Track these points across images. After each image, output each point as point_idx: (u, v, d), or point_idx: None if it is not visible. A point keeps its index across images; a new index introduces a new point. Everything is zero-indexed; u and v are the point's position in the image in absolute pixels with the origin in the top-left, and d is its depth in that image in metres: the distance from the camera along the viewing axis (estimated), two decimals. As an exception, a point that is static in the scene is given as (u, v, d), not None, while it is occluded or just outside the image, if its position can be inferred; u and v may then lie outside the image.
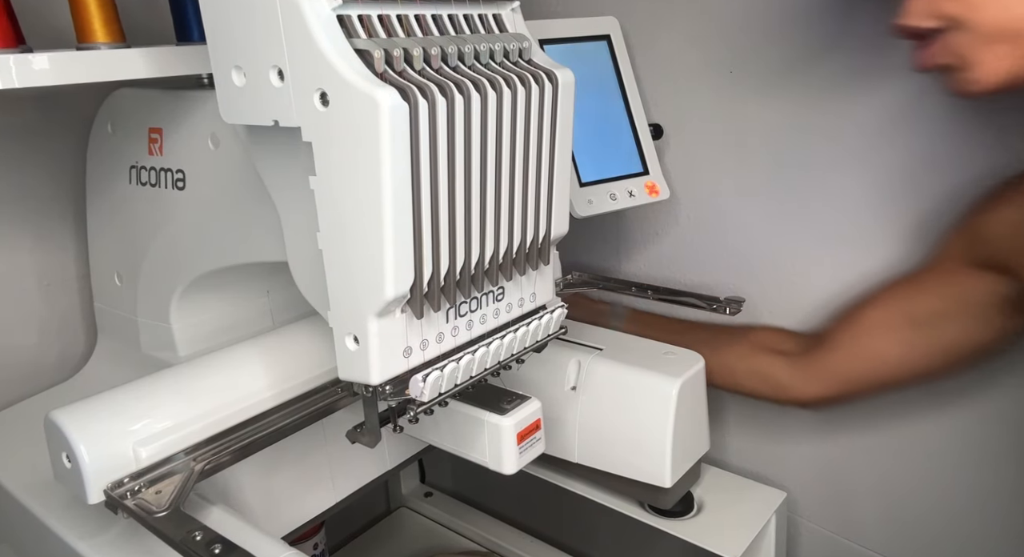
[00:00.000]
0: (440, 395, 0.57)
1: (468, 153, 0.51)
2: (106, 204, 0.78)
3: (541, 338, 0.65)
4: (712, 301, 0.86)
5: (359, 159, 0.46)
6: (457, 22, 0.53)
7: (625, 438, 0.82)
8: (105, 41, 0.60)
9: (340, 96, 0.45)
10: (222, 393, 0.62)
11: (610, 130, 0.88)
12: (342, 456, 0.78)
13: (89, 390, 0.59)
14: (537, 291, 0.64)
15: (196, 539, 0.50)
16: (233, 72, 0.49)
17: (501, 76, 0.52)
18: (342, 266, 0.51)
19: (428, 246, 0.51)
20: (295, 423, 0.63)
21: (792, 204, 0.89)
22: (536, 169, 0.57)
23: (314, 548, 1.07)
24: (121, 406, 0.57)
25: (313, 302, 0.57)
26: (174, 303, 0.73)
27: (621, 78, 0.90)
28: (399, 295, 0.50)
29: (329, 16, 0.46)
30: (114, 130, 0.75)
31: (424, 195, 0.49)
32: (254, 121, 0.50)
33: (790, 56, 0.84)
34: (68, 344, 0.88)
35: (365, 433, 0.59)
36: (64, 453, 0.54)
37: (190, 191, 0.68)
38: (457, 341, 0.58)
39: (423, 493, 1.29)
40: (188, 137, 0.67)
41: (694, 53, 0.91)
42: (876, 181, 0.82)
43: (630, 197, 0.87)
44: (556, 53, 0.84)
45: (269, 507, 0.73)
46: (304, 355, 0.68)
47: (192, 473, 0.56)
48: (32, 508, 0.63)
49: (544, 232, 0.61)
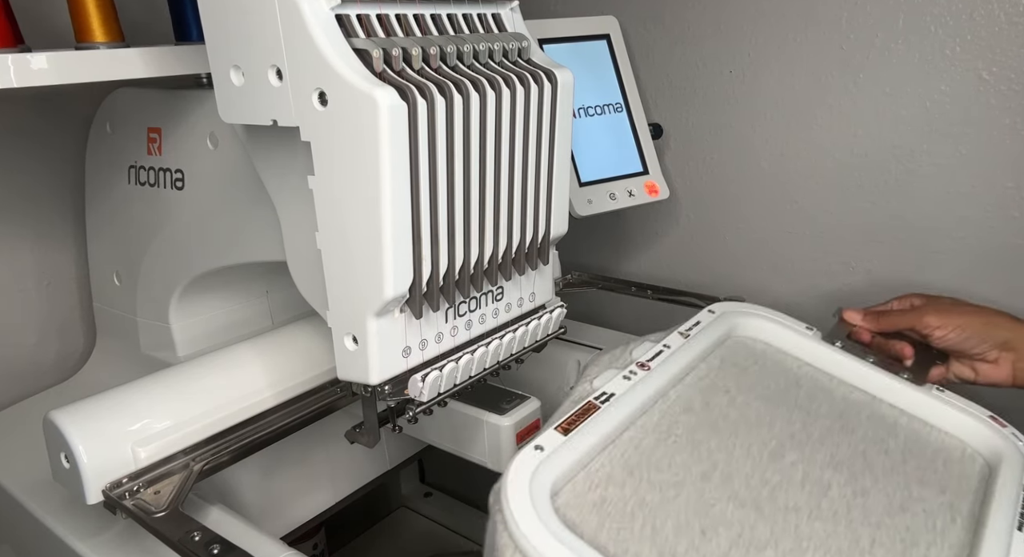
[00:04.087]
0: (439, 395, 0.57)
1: (467, 153, 0.51)
2: (105, 204, 0.78)
3: (540, 338, 0.65)
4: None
5: (358, 159, 0.46)
6: (456, 22, 0.53)
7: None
8: (104, 41, 0.60)
9: (339, 96, 0.45)
10: (221, 393, 0.62)
11: (610, 130, 0.88)
12: (342, 456, 0.78)
13: (88, 390, 0.59)
14: (536, 291, 0.64)
15: (195, 539, 0.50)
16: (232, 72, 0.49)
17: (500, 76, 0.52)
18: (341, 266, 0.51)
19: (427, 246, 0.51)
20: (295, 423, 0.63)
21: (792, 204, 0.89)
22: (535, 169, 0.57)
23: (314, 548, 1.07)
24: (120, 406, 0.57)
25: (312, 302, 0.57)
26: (173, 303, 0.73)
27: (621, 78, 0.90)
28: (398, 295, 0.50)
29: (328, 16, 0.46)
30: (113, 130, 0.75)
31: (423, 195, 0.49)
32: (253, 121, 0.50)
33: (790, 56, 0.84)
34: (67, 344, 0.88)
35: (364, 433, 0.59)
36: (63, 453, 0.54)
37: (189, 191, 0.68)
38: (456, 341, 0.58)
39: (423, 493, 1.29)
40: (187, 137, 0.67)
41: (694, 53, 0.91)
42: (877, 181, 0.82)
43: (630, 197, 0.87)
44: (556, 52, 0.84)
45: (269, 507, 0.72)
46: (303, 355, 0.67)
47: (191, 473, 0.56)
48: (32, 508, 0.63)
49: (543, 232, 0.60)
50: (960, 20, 0.73)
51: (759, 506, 0.50)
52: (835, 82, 0.82)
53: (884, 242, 0.84)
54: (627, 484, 0.51)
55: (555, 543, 0.44)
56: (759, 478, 0.53)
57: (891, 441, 0.59)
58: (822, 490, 0.53)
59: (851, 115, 0.82)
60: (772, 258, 0.92)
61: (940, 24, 0.74)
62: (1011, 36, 0.71)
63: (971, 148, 0.76)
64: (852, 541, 0.48)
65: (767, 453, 0.55)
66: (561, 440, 0.52)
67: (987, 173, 0.75)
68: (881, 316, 0.69)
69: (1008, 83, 0.72)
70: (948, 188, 0.78)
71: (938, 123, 0.77)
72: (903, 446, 0.58)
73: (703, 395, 0.61)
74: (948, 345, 0.66)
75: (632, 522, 0.48)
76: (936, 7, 0.74)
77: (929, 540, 0.50)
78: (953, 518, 0.52)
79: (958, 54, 0.74)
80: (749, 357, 0.68)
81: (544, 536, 0.44)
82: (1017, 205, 0.75)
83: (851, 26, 0.79)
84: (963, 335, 0.64)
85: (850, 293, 0.87)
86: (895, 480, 0.55)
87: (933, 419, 0.61)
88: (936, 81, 0.76)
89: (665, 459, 0.54)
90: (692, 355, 0.65)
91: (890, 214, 0.82)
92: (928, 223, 0.80)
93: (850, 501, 0.52)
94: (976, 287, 0.78)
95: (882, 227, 0.83)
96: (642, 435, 0.56)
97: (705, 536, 0.47)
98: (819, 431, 0.59)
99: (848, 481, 0.54)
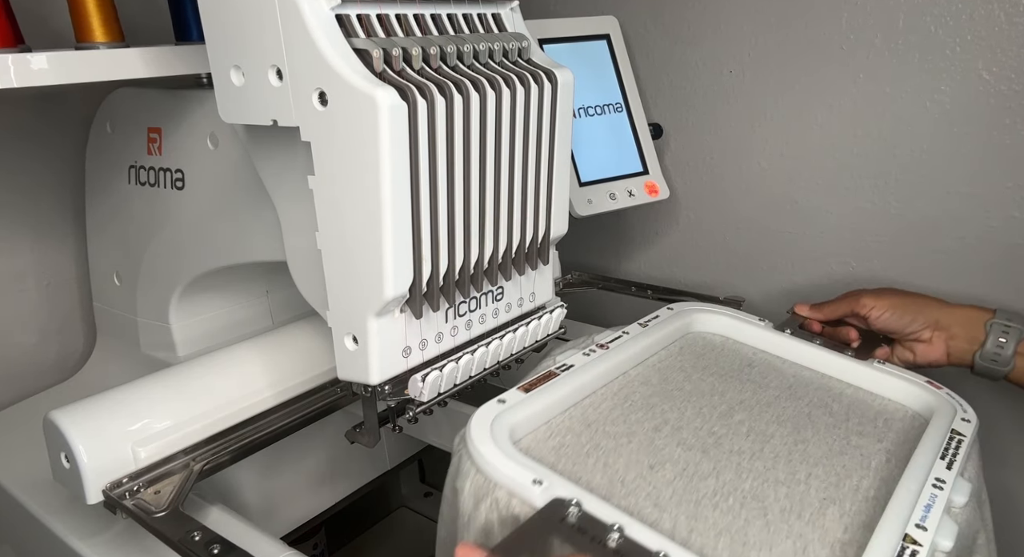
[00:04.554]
0: (439, 395, 0.57)
1: (467, 152, 0.51)
2: (105, 204, 0.78)
3: (540, 338, 0.65)
4: (712, 301, 0.86)
5: (358, 159, 0.46)
6: (456, 22, 0.53)
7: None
8: (104, 41, 0.60)
9: (339, 96, 0.45)
10: (221, 393, 0.62)
11: (610, 130, 0.88)
12: (342, 456, 0.78)
13: (89, 390, 0.59)
14: (536, 291, 0.64)
15: (195, 539, 0.50)
16: (232, 72, 0.49)
17: (500, 75, 0.52)
18: (341, 266, 0.51)
19: (427, 246, 0.51)
20: (295, 423, 0.63)
21: (792, 204, 0.89)
22: (535, 169, 0.57)
23: (314, 548, 1.07)
24: (120, 406, 0.57)
25: (312, 302, 0.57)
26: (173, 303, 0.73)
27: (621, 78, 0.90)
28: (398, 295, 0.50)
29: (328, 16, 0.46)
30: (113, 130, 0.75)
31: (423, 195, 0.49)
32: (253, 121, 0.50)
33: (790, 56, 0.84)
34: (68, 344, 0.88)
35: (364, 433, 0.59)
36: (63, 453, 0.54)
37: (189, 191, 0.68)
38: (456, 341, 0.58)
39: (423, 493, 1.29)
40: (187, 137, 0.67)
41: (694, 53, 0.91)
42: (875, 181, 0.82)
43: (630, 197, 0.87)
44: (556, 52, 0.84)
45: (269, 507, 0.73)
46: (303, 355, 0.67)
47: (191, 473, 0.56)
48: (32, 508, 0.63)
49: (543, 232, 0.61)
50: (960, 20, 0.73)
51: (705, 450, 0.55)
52: (835, 82, 0.82)
53: (884, 242, 0.83)
54: (583, 434, 0.56)
55: (512, 464, 0.48)
56: (707, 430, 0.58)
57: (835, 405, 0.63)
58: (765, 439, 0.57)
59: (851, 115, 0.82)
60: (772, 258, 0.92)
61: (940, 24, 0.74)
62: (1011, 36, 0.71)
63: (971, 148, 0.76)
64: (789, 474, 0.53)
65: (716, 414, 0.60)
66: (523, 397, 0.57)
67: (987, 173, 0.75)
68: (825, 305, 0.74)
69: (1008, 83, 0.72)
70: (948, 188, 0.78)
71: (938, 123, 0.77)
72: (847, 409, 0.63)
73: (660, 374, 0.66)
74: (884, 325, 0.70)
75: (587, 460, 0.53)
76: (936, 7, 0.74)
77: (862, 474, 0.53)
78: (888, 460, 0.56)
79: (958, 54, 0.74)
80: (707, 346, 0.72)
81: (502, 458, 0.49)
82: (1017, 205, 0.75)
83: (851, 26, 0.79)
84: (896, 314, 0.69)
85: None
86: (836, 433, 0.59)
87: (875, 388, 0.66)
88: (936, 81, 0.76)
89: (621, 417, 0.59)
90: (651, 340, 0.69)
91: (890, 214, 0.82)
92: (928, 223, 0.80)
93: (791, 448, 0.56)
94: (976, 287, 0.78)
95: (882, 227, 0.83)
96: (600, 400, 0.61)
97: (652, 470, 0.52)
98: (768, 398, 0.63)
99: (791, 433, 0.58)
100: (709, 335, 0.74)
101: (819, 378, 0.67)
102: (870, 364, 0.67)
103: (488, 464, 0.49)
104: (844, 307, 0.72)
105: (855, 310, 0.71)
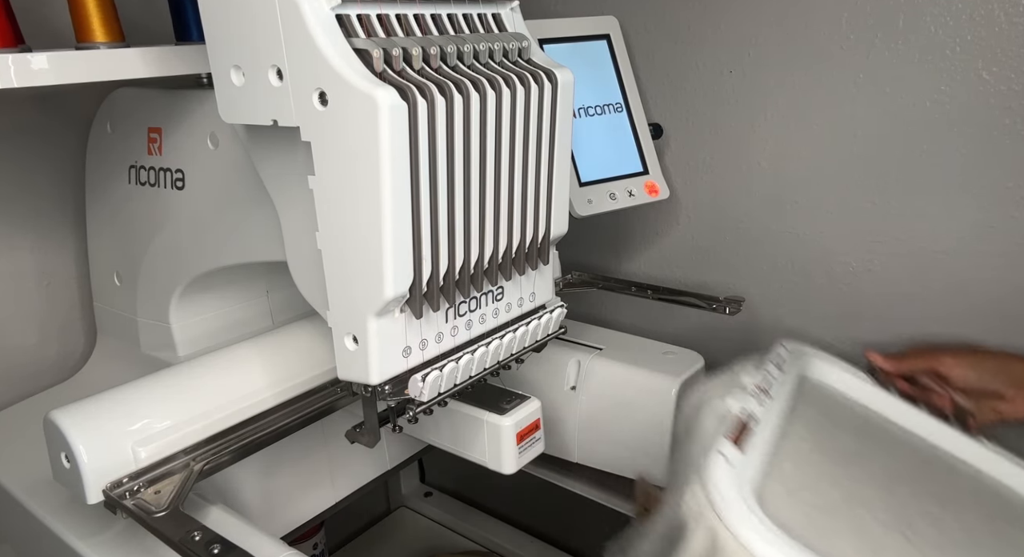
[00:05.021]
0: (439, 395, 0.57)
1: (467, 152, 0.51)
2: (106, 204, 0.78)
3: (541, 338, 0.65)
4: (712, 301, 0.86)
5: (358, 159, 0.46)
6: (456, 22, 0.53)
7: (625, 438, 0.82)
8: (104, 41, 0.60)
9: (339, 96, 0.45)
10: (221, 393, 0.62)
11: (610, 130, 0.88)
12: (342, 456, 0.78)
13: (89, 390, 0.59)
14: (536, 291, 0.64)
15: (195, 539, 0.50)
16: (232, 72, 0.49)
17: (500, 76, 0.52)
18: (341, 266, 0.51)
19: (427, 246, 0.51)
20: (295, 423, 0.63)
21: (792, 204, 0.89)
22: (535, 169, 0.57)
23: (314, 548, 1.07)
24: (120, 406, 0.57)
25: (312, 302, 0.57)
26: (173, 303, 0.73)
27: (621, 78, 0.90)
28: (398, 295, 0.50)
29: (328, 16, 0.46)
30: (113, 130, 0.75)
31: (423, 195, 0.49)
32: (253, 121, 0.50)
33: (790, 56, 0.84)
34: (68, 344, 0.88)
35: (364, 433, 0.59)
36: (63, 453, 0.54)
37: (189, 191, 0.68)
38: (456, 341, 0.58)
39: (423, 493, 1.29)
40: (187, 137, 0.67)
41: (694, 53, 0.91)
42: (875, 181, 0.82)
43: (630, 197, 0.87)
44: (556, 52, 0.84)
45: (269, 507, 0.73)
46: (303, 355, 0.68)
47: (191, 473, 0.56)
48: (32, 508, 0.63)
49: (543, 232, 0.61)
50: (960, 20, 0.73)
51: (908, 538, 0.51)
52: (835, 82, 0.82)
53: (884, 242, 0.83)
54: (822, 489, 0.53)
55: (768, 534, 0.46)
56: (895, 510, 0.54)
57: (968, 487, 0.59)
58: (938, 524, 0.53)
59: (851, 115, 0.82)
60: (772, 258, 0.92)
61: (940, 24, 0.74)
62: (1011, 36, 0.71)
63: (971, 148, 0.76)
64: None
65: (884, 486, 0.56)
66: (740, 456, 0.54)
67: (987, 173, 0.75)
68: (902, 359, 0.73)
69: (1008, 83, 0.72)
70: (948, 188, 0.78)
71: (938, 123, 0.77)
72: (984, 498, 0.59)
73: (814, 435, 0.62)
74: (965, 385, 0.68)
75: (835, 521, 0.50)
76: (936, 7, 0.74)
77: None
78: None
79: (958, 54, 0.74)
80: (826, 399, 0.69)
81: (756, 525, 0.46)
82: (1017, 205, 0.75)
83: (851, 26, 0.79)
84: (976, 373, 0.68)
85: (850, 293, 0.87)
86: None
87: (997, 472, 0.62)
88: (936, 81, 0.76)
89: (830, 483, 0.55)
90: (787, 389, 0.66)
91: (890, 214, 0.82)
92: (928, 223, 0.80)
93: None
94: (976, 287, 0.78)
95: (882, 227, 0.83)
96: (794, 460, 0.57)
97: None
98: (906, 470, 0.59)
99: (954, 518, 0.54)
100: (823, 385, 0.71)
101: (944, 456, 0.64)
102: (980, 442, 0.63)
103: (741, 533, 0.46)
104: (921, 363, 0.71)
105: (934, 368, 0.70)
